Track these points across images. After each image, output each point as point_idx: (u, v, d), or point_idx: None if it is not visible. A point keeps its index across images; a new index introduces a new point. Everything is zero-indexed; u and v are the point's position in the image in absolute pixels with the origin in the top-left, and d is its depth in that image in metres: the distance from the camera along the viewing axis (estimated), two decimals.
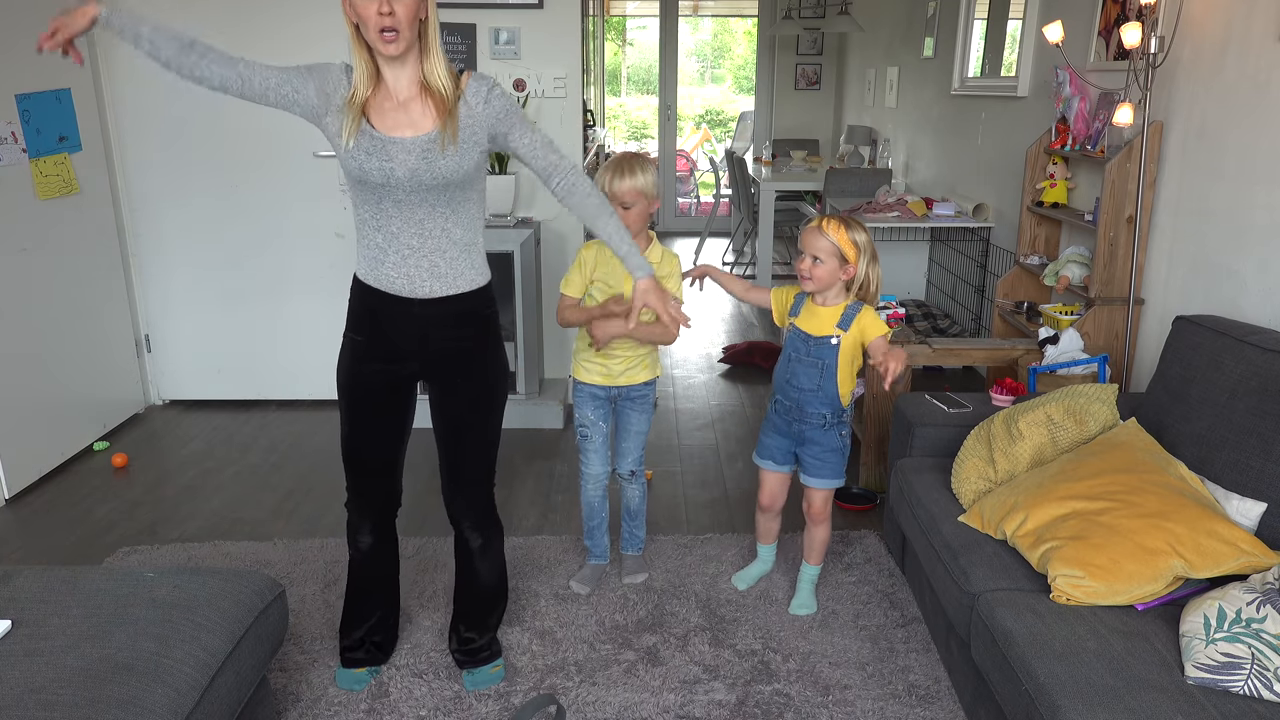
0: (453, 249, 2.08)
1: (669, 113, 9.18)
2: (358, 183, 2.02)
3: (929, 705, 2.32)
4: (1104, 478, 2.17)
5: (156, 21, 1.98)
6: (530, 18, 3.91)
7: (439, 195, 2.02)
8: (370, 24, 1.89)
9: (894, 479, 2.77)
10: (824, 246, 2.44)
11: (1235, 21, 2.77)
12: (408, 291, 2.07)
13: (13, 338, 3.39)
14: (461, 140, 2.00)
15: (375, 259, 2.07)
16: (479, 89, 2.03)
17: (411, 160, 1.98)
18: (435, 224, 2.05)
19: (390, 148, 1.97)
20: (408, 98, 2.00)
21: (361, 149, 1.97)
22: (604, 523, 2.88)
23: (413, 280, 2.06)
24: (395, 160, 1.97)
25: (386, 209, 2.03)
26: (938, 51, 5.47)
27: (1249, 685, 1.68)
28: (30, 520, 3.26)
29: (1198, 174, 2.96)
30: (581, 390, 2.71)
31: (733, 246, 8.03)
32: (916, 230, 5.08)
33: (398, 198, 2.01)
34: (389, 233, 2.04)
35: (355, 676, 2.37)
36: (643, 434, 2.75)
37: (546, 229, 4.16)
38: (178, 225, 4.08)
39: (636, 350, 2.63)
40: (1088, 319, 3.24)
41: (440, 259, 2.07)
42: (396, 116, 1.99)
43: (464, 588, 2.39)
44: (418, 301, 2.08)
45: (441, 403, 2.21)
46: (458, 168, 2.01)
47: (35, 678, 1.63)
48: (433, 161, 1.98)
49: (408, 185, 1.99)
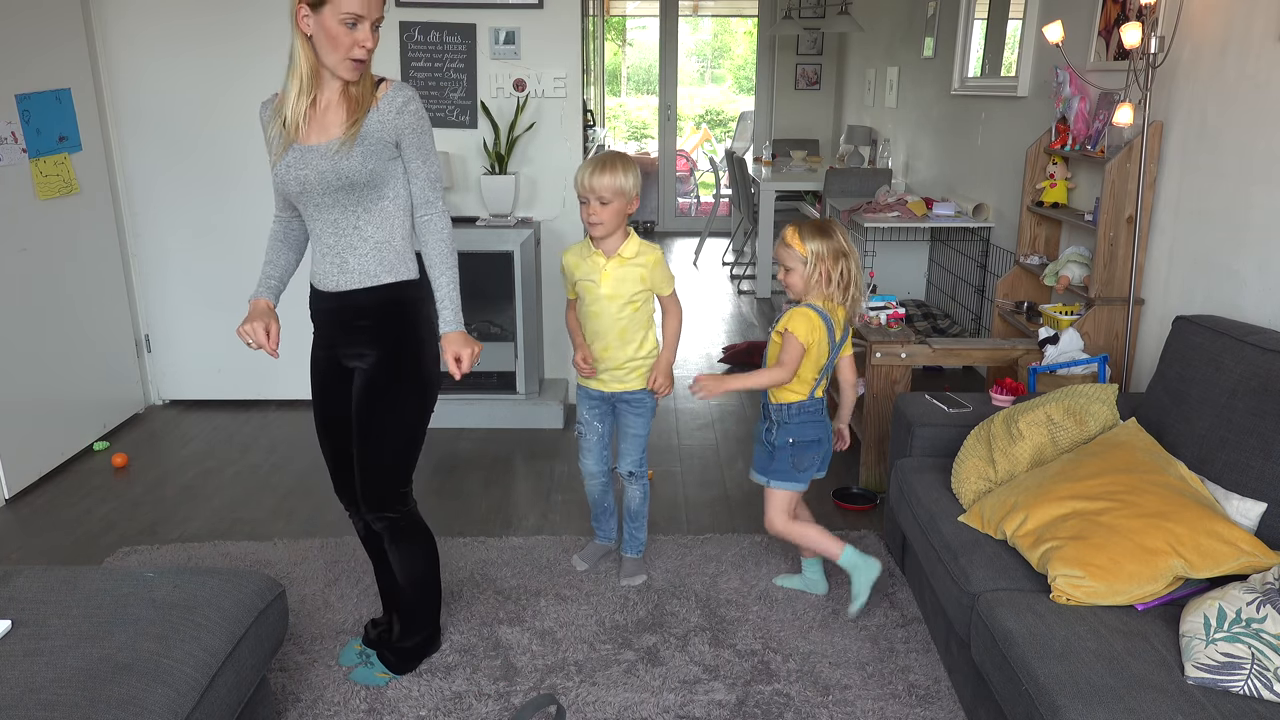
0: (364, 245, 2.14)
1: (669, 113, 9.18)
2: (284, 195, 2.18)
3: (929, 705, 2.32)
4: (1104, 478, 2.17)
5: (273, 261, 2.31)
6: (530, 18, 3.92)
7: (348, 195, 2.09)
8: (344, 52, 1.98)
9: (894, 479, 2.77)
10: (785, 255, 2.55)
11: (1235, 21, 2.77)
12: (325, 285, 2.19)
13: (13, 338, 3.39)
14: (369, 143, 2.06)
15: (312, 260, 2.23)
16: (395, 98, 2.09)
17: (321, 163, 2.06)
18: (348, 223, 2.12)
19: (307, 156, 2.07)
20: (330, 104, 2.08)
21: (285, 164, 2.09)
22: (608, 512, 2.92)
23: (327, 275, 2.17)
24: (310, 167, 2.07)
25: (310, 212, 2.14)
26: (938, 51, 5.47)
27: (1249, 685, 1.68)
28: (30, 520, 3.26)
29: (1198, 174, 2.96)
30: (581, 391, 2.77)
31: (733, 246, 8.03)
32: (916, 230, 5.08)
33: (315, 200, 2.11)
34: (314, 233, 2.17)
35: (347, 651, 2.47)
36: (640, 437, 2.76)
37: (546, 229, 4.16)
38: (178, 225, 4.08)
39: (629, 360, 2.65)
40: (1088, 319, 3.24)
41: (350, 255, 2.14)
42: (314, 124, 2.08)
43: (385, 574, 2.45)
44: (329, 294, 2.19)
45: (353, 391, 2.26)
46: (361, 168, 2.06)
47: (35, 678, 1.63)
48: (337, 163, 2.05)
49: (319, 188, 2.08)
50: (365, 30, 1.98)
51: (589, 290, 2.60)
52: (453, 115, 4.01)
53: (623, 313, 2.60)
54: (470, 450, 3.84)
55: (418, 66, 3.94)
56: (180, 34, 3.86)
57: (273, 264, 2.29)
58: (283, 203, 2.25)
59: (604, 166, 2.50)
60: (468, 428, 4.06)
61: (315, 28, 1.97)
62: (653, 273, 2.60)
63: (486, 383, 4.13)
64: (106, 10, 3.83)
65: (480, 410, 4.07)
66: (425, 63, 3.95)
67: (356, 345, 2.20)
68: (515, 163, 4.04)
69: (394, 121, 2.07)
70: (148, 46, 3.87)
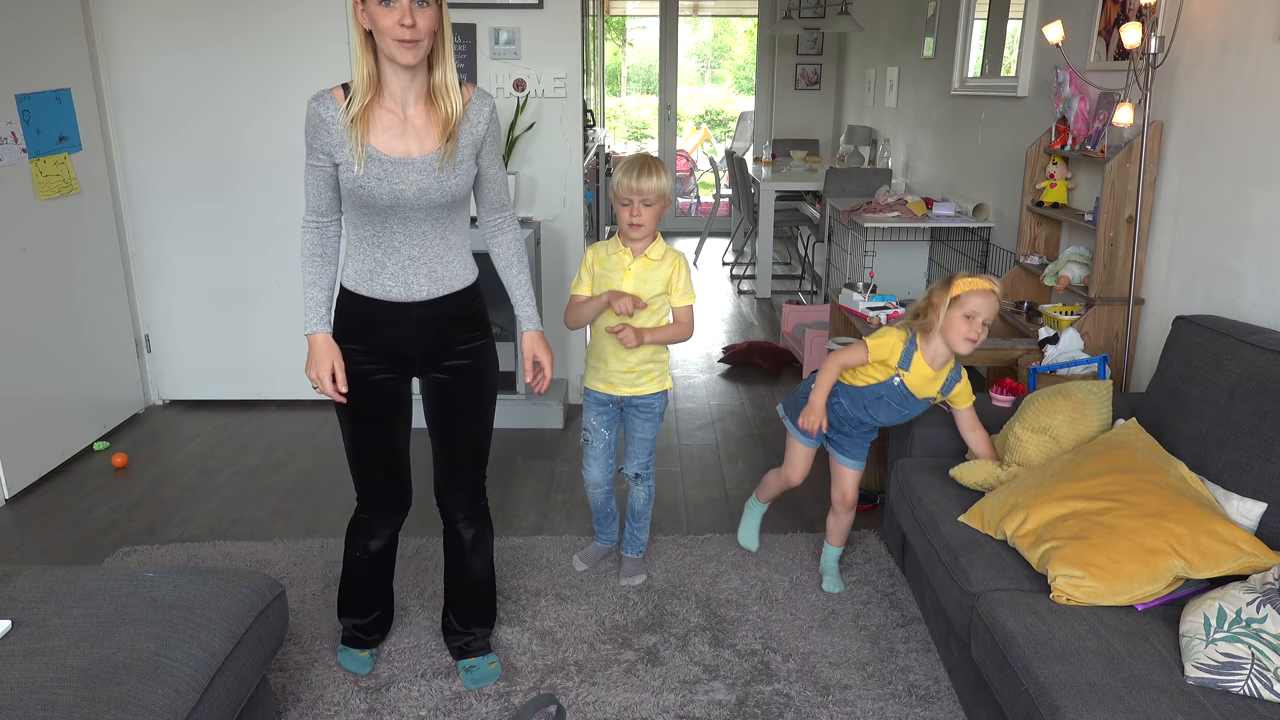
0: (449, 253, 2.11)
1: (669, 113, 9.18)
2: (363, 206, 2.02)
3: (929, 705, 2.32)
4: (1104, 478, 2.17)
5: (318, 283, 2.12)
6: (530, 18, 3.91)
7: (443, 210, 2.05)
8: (389, 33, 1.88)
9: (894, 479, 2.76)
10: (988, 306, 2.48)
11: (1235, 21, 2.77)
12: (405, 297, 2.09)
13: (13, 338, 3.39)
14: (463, 158, 2.03)
15: (371, 271, 2.08)
16: (482, 107, 2.06)
17: (421, 180, 1.99)
18: (436, 234, 2.08)
19: (399, 170, 1.98)
20: (411, 107, 1.99)
21: (371, 175, 1.97)
22: (610, 517, 2.91)
23: (410, 287, 2.09)
24: (405, 182, 1.98)
25: (391, 226, 2.04)
26: (938, 51, 5.47)
27: (1249, 685, 1.68)
28: (30, 520, 3.26)
29: (1198, 174, 2.96)
30: (589, 396, 2.73)
31: (733, 246, 8.03)
32: (916, 230, 5.08)
33: (403, 215, 2.03)
34: (389, 247, 2.06)
35: (361, 660, 2.42)
36: (648, 440, 2.76)
37: (547, 229, 4.16)
38: (178, 225, 4.08)
39: (641, 363, 2.64)
40: (1088, 319, 3.23)
41: (438, 264, 2.10)
42: (399, 132, 1.98)
43: (455, 582, 2.41)
44: (415, 305, 2.10)
45: (439, 397, 2.23)
46: (464, 185, 2.05)
47: (35, 678, 1.63)
48: (443, 181, 2.00)
49: (415, 204, 2.01)
50: (404, 7, 1.85)
51: (609, 289, 2.58)
52: None
53: (641, 314, 2.59)
54: None
55: None
56: (181, 33, 3.86)
57: (318, 286, 2.11)
58: (326, 205, 2.07)
59: (648, 169, 2.49)
60: None
61: (367, 19, 1.89)
62: (675, 275, 2.58)
63: None
64: (106, 10, 3.83)
65: None
66: None
67: (452, 345, 2.17)
68: (515, 163, 4.04)
69: (482, 131, 2.07)
70: (148, 46, 3.87)
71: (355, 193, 1.99)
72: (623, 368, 2.63)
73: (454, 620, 2.41)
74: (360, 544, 2.32)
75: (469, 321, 2.20)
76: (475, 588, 2.40)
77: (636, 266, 2.56)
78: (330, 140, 1.98)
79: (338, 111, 1.96)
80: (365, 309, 2.11)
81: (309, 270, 2.11)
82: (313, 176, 2.04)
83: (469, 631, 2.41)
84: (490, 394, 2.28)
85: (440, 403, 2.23)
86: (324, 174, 2.03)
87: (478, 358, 2.22)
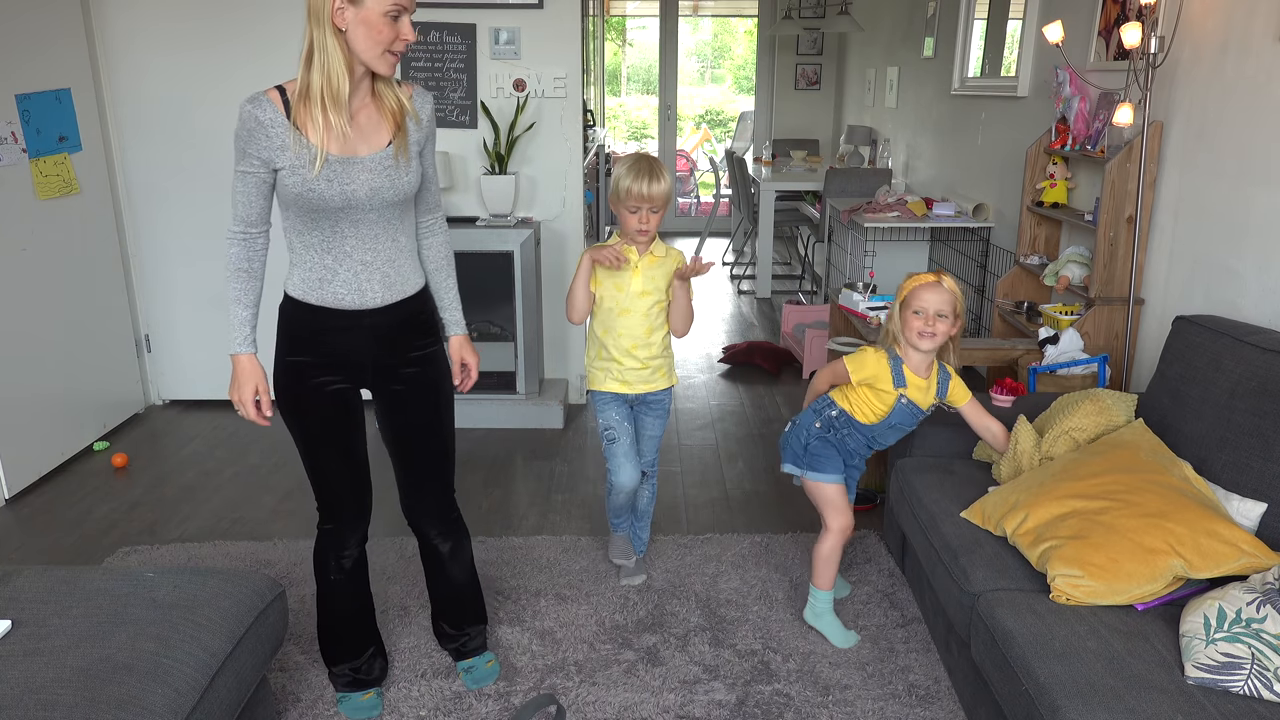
0: (400, 257, 2.06)
1: (669, 113, 9.18)
2: (311, 211, 1.94)
3: (929, 705, 2.32)
4: (1105, 477, 2.17)
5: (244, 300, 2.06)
6: (530, 18, 3.92)
7: (394, 210, 2.00)
8: (384, 44, 1.86)
9: (894, 479, 2.77)
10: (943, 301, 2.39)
11: (1235, 21, 2.77)
12: (358, 304, 2.01)
13: (13, 338, 3.39)
14: (413, 153, 2.01)
15: (320, 279, 2.00)
16: (424, 105, 2.05)
17: (373, 179, 1.94)
18: (388, 237, 2.01)
19: (350, 169, 1.91)
20: (358, 107, 1.94)
21: (321, 177, 1.89)
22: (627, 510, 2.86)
23: (364, 293, 2.01)
24: (355, 182, 1.92)
25: (342, 230, 1.97)
26: (938, 51, 5.47)
27: (1249, 685, 1.68)
28: (30, 520, 3.26)
29: (1198, 174, 2.96)
30: (602, 396, 2.69)
31: (733, 246, 8.03)
32: (916, 230, 5.08)
33: (354, 218, 1.96)
34: (340, 253, 1.98)
35: (368, 704, 2.27)
36: (657, 438, 2.78)
37: (546, 229, 4.16)
38: (178, 225, 4.08)
39: (653, 359, 2.64)
40: (1088, 319, 3.24)
41: (391, 269, 2.04)
42: (346, 132, 1.91)
43: (440, 592, 2.36)
44: (367, 312, 2.03)
45: (395, 413, 2.15)
46: (415, 182, 2.02)
47: (35, 678, 1.63)
48: (396, 179, 1.96)
49: (367, 204, 1.95)
50: (406, 22, 1.87)
51: (618, 289, 2.57)
52: (453, 115, 4.01)
53: (651, 310, 2.59)
54: (470, 450, 3.84)
55: (417, 66, 3.94)
56: (181, 34, 3.86)
57: (243, 303, 2.02)
58: (257, 215, 1.98)
59: (653, 174, 2.47)
60: (467, 428, 4.05)
61: (353, 21, 1.82)
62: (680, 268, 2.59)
63: (486, 383, 4.13)
64: (106, 10, 3.83)
65: (480, 410, 4.07)
66: (425, 63, 3.95)
67: (405, 352, 2.10)
68: (515, 163, 4.04)
69: (426, 129, 2.05)
70: (148, 46, 3.87)
71: (304, 197, 1.91)
72: (637, 365, 2.63)
73: (446, 625, 2.39)
74: (334, 562, 2.18)
75: (420, 327, 2.13)
76: (460, 594, 2.37)
77: (644, 265, 2.58)
78: (269, 145, 1.88)
79: (276, 114, 1.87)
80: (314, 318, 2.02)
81: (234, 286, 2.02)
82: (243, 184, 1.94)
83: (464, 633, 2.39)
84: (448, 402, 2.20)
85: (397, 420, 2.15)
86: (257, 181, 1.93)
87: (430, 365, 2.15)
